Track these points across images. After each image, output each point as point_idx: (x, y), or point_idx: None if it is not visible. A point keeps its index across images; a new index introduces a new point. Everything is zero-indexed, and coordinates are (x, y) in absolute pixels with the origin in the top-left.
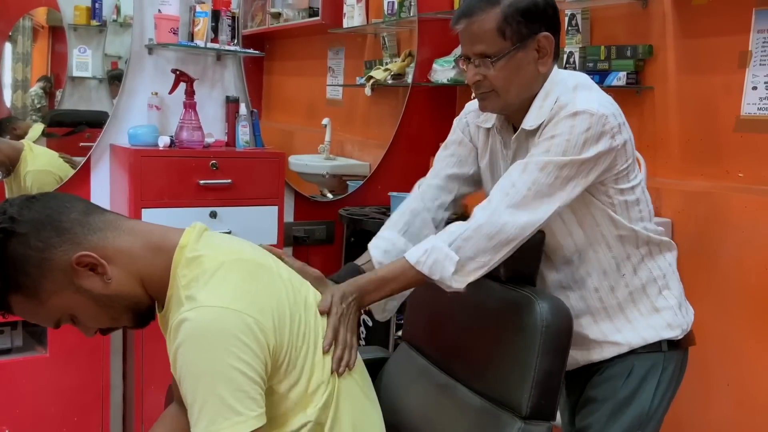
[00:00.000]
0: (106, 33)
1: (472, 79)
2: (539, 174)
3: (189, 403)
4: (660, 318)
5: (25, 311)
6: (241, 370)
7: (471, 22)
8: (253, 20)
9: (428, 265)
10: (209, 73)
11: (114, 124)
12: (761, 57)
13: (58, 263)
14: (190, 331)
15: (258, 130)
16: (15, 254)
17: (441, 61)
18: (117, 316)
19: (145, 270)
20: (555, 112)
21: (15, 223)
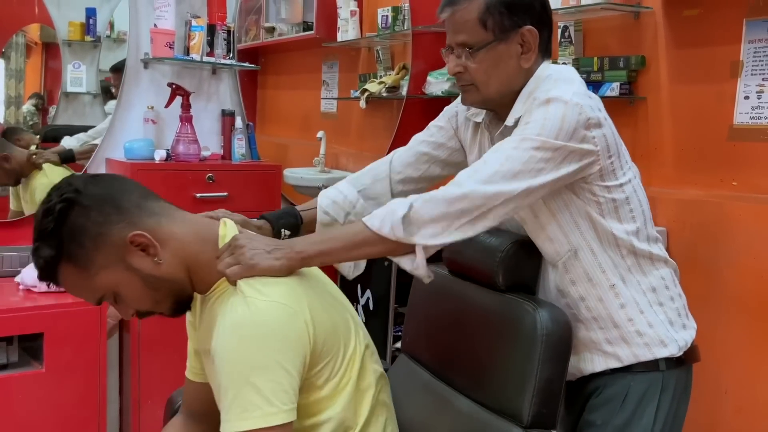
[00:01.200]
0: (100, 48)
1: (453, 70)
2: (512, 151)
3: (222, 389)
4: (653, 335)
5: (72, 283)
6: (281, 364)
7: (454, 11)
8: (247, 35)
9: (380, 217)
10: (205, 87)
11: (109, 138)
12: (752, 67)
13: (113, 239)
14: (238, 321)
15: (254, 143)
16: (74, 224)
17: (435, 73)
18: (160, 299)
19: (193, 257)
20: (531, 102)
21: (79, 195)
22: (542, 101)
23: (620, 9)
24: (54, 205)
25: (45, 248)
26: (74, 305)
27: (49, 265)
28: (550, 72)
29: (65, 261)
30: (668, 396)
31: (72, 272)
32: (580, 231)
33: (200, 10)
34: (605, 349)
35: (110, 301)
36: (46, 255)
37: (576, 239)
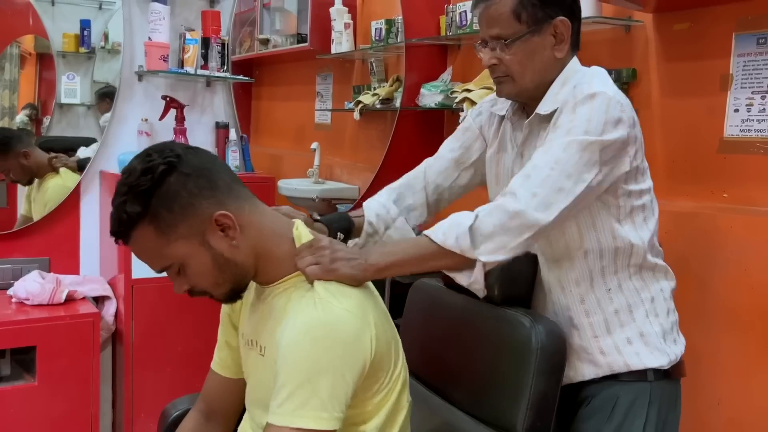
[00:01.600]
0: (94, 60)
1: (488, 62)
2: (562, 154)
3: (280, 382)
4: (644, 344)
5: (145, 245)
6: (343, 372)
7: (488, 5)
8: (242, 46)
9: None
10: (199, 99)
11: (103, 151)
12: (742, 80)
13: (200, 213)
14: (312, 322)
15: (248, 155)
16: (170, 189)
17: (428, 85)
18: (222, 281)
19: (266, 249)
20: (570, 96)
21: (180, 162)
22: (586, 96)
23: (611, 22)
24: (156, 165)
25: (134, 204)
26: (67, 318)
27: (131, 221)
28: (581, 66)
29: (148, 222)
30: (655, 409)
31: (149, 235)
32: (596, 233)
33: (194, 23)
34: (596, 359)
35: (172, 272)
36: (132, 211)
37: (589, 240)
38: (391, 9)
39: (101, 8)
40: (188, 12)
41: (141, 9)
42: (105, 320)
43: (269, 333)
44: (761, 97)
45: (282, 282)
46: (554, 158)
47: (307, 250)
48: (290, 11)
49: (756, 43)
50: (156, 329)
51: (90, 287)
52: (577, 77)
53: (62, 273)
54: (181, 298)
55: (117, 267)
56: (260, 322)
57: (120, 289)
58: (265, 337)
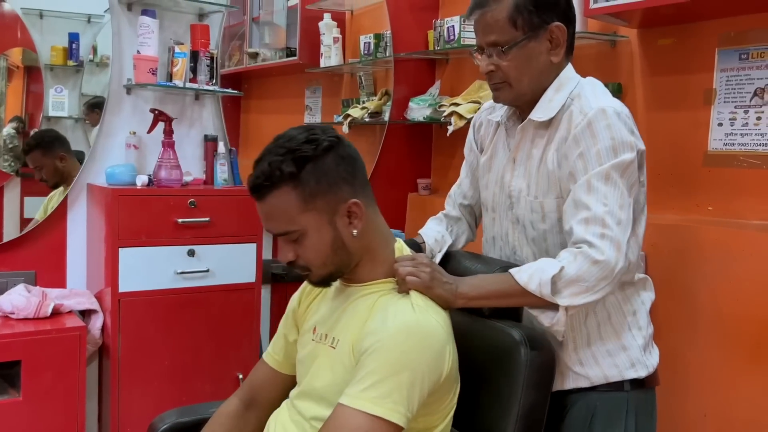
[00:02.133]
0: (82, 73)
1: (485, 69)
2: (605, 188)
3: (369, 370)
4: (625, 357)
5: (279, 205)
6: (423, 378)
7: (484, 12)
8: (231, 60)
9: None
10: (188, 113)
11: (91, 164)
12: (725, 94)
13: (340, 195)
14: (410, 323)
15: (236, 168)
16: (326, 163)
17: (417, 99)
18: (328, 262)
19: (374, 248)
20: (570, 111)
21: (339, 145)
22: (597, 111)
23: (597, 38)
24: (321, 139)
25: (290, 164)
26: (53, 332)
27: (280, 179)
28: (575, 75)
29: (293, 185)
30: (633, 418)
31: (289, 197)
32: None
33: (183, 36)
34: (576, 370)
35: (290, 238)
36: (286, 170)
37: None
38: (380, 23)
39: (90, 21)
40: (177, 26)
41: (130, 22)
42: (91, 334)
43: (347, 328)
44: (744, 111)
45: (371, 284)
46: (602, 195)
47: (411, 261)
48: (279, 25)
49: (738, 58)
50: (143, 343)
51: (76, 301)
52: (572, 85)
53: (48, 286)
54: (169, 312)
55: (104, 280)
56: (338, 317)
57: (107, 302)
58: (341, 331)
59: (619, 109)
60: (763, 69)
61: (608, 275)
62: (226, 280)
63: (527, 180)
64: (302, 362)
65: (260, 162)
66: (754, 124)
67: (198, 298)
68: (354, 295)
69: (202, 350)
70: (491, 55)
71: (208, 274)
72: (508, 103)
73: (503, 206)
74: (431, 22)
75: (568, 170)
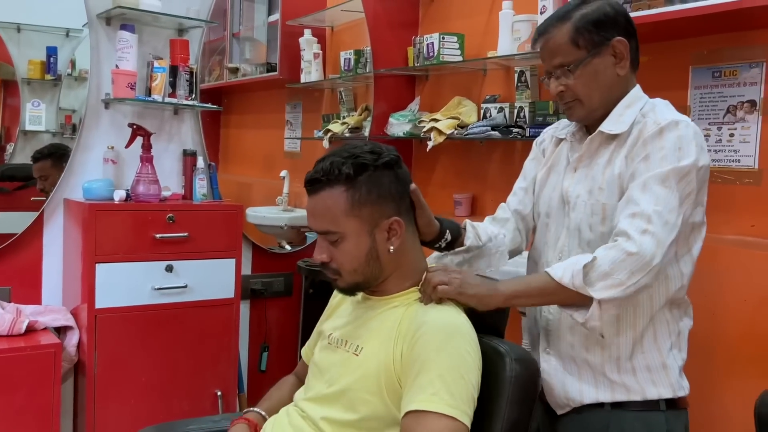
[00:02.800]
0: (60, 87)
1: (555, 90)
2: (661, 190)
3: (431, 375)
4: (665, 376)
5: (329, 204)
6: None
7: (547, 39)
8: (211, 75)
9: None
10: (166, 127)
11: (68, 179)
12: (699, 111)
13: (385, 209)
14: (456, 328)
15: (215, 183)
16: (382, 176)
17: (397, 115)
18: (360, 271)
19: (405, 268)
20: (644, 122)
21: (398, 163)
22: (670, 122)
23: None
24: (384, 153)
25: (349, 167)
26: (27, 349)
27: (336, 178)
28: (644, 95)
29: (347, 187)
30: None
31: (340, 198)
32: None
33: (162, 51)
34: (613, 378)
35: (329, 239)
36: (344, 171)
37: None
38: (360, 40)
39: (68, 35)
40: (156, 40)
41: (108, 37)
42: (67, 351)
43: (374, 337)
44: (717, 128)
45: (395, 296)
46: (655, 195)
47: (442, 272)
48: (260, 41)
49: (711, 76)
50: (119, 360)
51: (52, 317)
52: (641, 103)
53: (23, 303)
54: (146, 328)
55: (80, 296)
56: (361, 325)
57: (83, 319)
58: (366, 339)
59: (693, 125)
60: (735, 87)
61: (643, 268)
62: (204, 296)
63: (588, 185)
64: (317, 365)
65: (323, 160)
66: (727, 141)
67: (176, 314)
68: (378, 307)
69: (179, 367)
70: (558, 77)
71: (186, 290)
72: (581, 119)
73: (559, 212)
74: (411, 38)
75: (631, 171)
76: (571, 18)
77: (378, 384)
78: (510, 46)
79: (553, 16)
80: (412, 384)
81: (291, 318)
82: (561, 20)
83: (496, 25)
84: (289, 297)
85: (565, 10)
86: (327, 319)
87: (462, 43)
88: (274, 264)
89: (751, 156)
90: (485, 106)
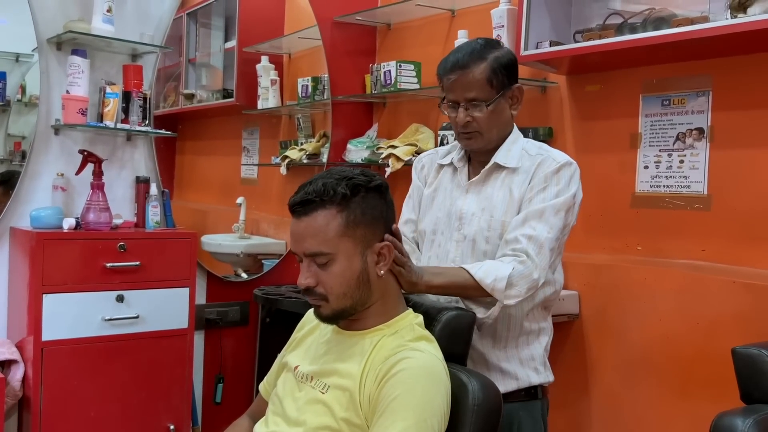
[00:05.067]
0: (9, 113)
1: (463, 121)
2: (554, 219)
3: (396, 416)
4: (536, 364)
5: (321, 223)
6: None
7: (465, 73)
8: (166, 101)
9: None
10: (119, 154)
11: (15, 207)
12: (650, 138)
13: (377, 232)
14: (422, 365)
15: (169, 210)
16: (374, 199)
17: (355, 141)
18: (348, 295)
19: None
20: (543, 158)
21: (387, 189)
22: (563, 164)
23: (528, 84)
24: (376, 177)
25: (345, 187)
26: None
27: (331, 198)
28: (519, 132)
29: (341, 208)
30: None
31: (333, 218)
32: None
33: (115, 77)
34: (504, 367)
35: (317, 262)
36: (340, 191)
37: None
38: (318, 67)
39: (18, 60)
40: (109, 66)
41: (59, 62)
42: (11, 386)
43: (342, 376)
44: (668, 154)
45: (369, 331)
46: (549, 224)
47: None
48: (216, 67)
49: (661, 104)
50: (67, 394)
51: None
52: (521, 140)
53: None
54: (96, 361)
55: (26, 328)
56: (330, 363)
57: (28, 352)
58: (335, 376)
59: (576, 165)
60: (683, 114)
61: (534, 285)
62: (156, 327)
63: (482, 204)
64: (280, 399)
65: (312, 183)
66: (677, 167)
67: (127, 345)
68: (350, 343)
69: (131, 400)
70: (467, 108)
71: (138, 321)
72: (477, 149)
73: (447, 228)
74: (368, 66)
75: (529, 197)
76: (487, 59)
77: (340, 426)
78: None
79: (468, 52)
80: (376, 423)
81: (247, 348)
82: (479, 59)
83: None
84: (245, 326)
85: (478, 49)
86: (292, 351)
87: (419, 71)
88: (230, 293)
89: (700, 182)
90: (442, 132)
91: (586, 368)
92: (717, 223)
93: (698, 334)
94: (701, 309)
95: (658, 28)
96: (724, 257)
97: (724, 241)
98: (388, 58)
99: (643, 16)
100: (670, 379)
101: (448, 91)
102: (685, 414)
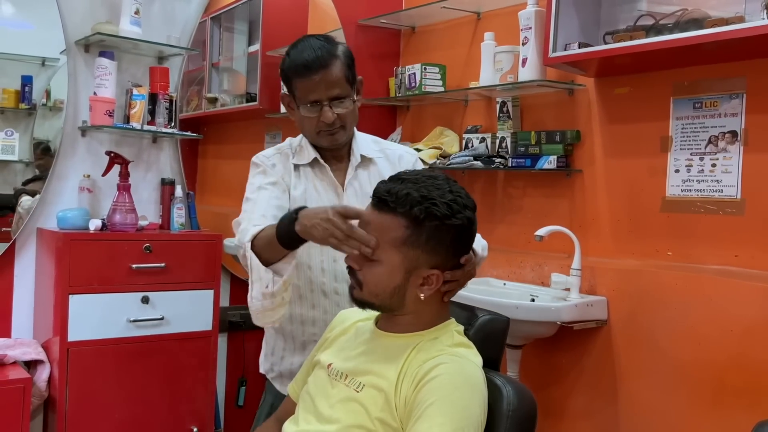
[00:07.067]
0: (35, 116)
1: (332, 119)
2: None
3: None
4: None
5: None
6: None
7: (327, 72)
8: (189, 105)
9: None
10: (144, 156)
11: (42, 208)
12: (681, 142)
13: (433, 259)
14: (459, 371)
15: (194, 213)
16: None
17: None
18: (379, 296)
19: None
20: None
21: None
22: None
23: (555, 86)
24: (459, 214)
25: (422, 210)
26: None
27: (403, 209)
28: None
29: (407, 224)
30: None
31: (396, 227)
32: None
33: (142, 79)
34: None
35: (367, 258)
36: (414, 209)
37: None
38: None
39: (44, 65)
40: (136, 68)
41: (87, 64)
42: (37, 386)
43: (379, 374)
44: (699, 158)
45: (407, 335)
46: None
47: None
48: (239, 71)
49: (692, 107)
50: (92, 395)
51: (21, 351)
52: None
53: None
54: (120, 362)
55: (52, 329)
56: (366, 362)
57: (54, 352)
58: (371, 376)
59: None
60: (716, 117)
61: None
62: (181, 329)
63: (360, 199)
64: (312, 397)
65: (402, 182)
66: (709, 171)
67: (151, 347)
68: (387, 344)
69: (154, 402)
70: (332, 107)
71: (163, 322)
72: (341, 144)
73: None
74: (392, 69)
75: None
76: (338, 55)
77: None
78: (492, 76)
79: (323, 50)
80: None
81: None
82: (333, 56)
83: (478, 56)
84: None
85: (328, 47)
86: (325, 350)
87: (444, 74)
88: None
89: (733, 186)
90: (467, 136)
91: (614, 376)
92: (751, 228)
93: (732, 342)
94: (734, 316)
95: (691, 29)
96: (758, 263)
97: (758, 246)
98: (412, 62)
99: (675, 17)
100: (702, 388)
101: (309, 91)
102: (718, 424)
